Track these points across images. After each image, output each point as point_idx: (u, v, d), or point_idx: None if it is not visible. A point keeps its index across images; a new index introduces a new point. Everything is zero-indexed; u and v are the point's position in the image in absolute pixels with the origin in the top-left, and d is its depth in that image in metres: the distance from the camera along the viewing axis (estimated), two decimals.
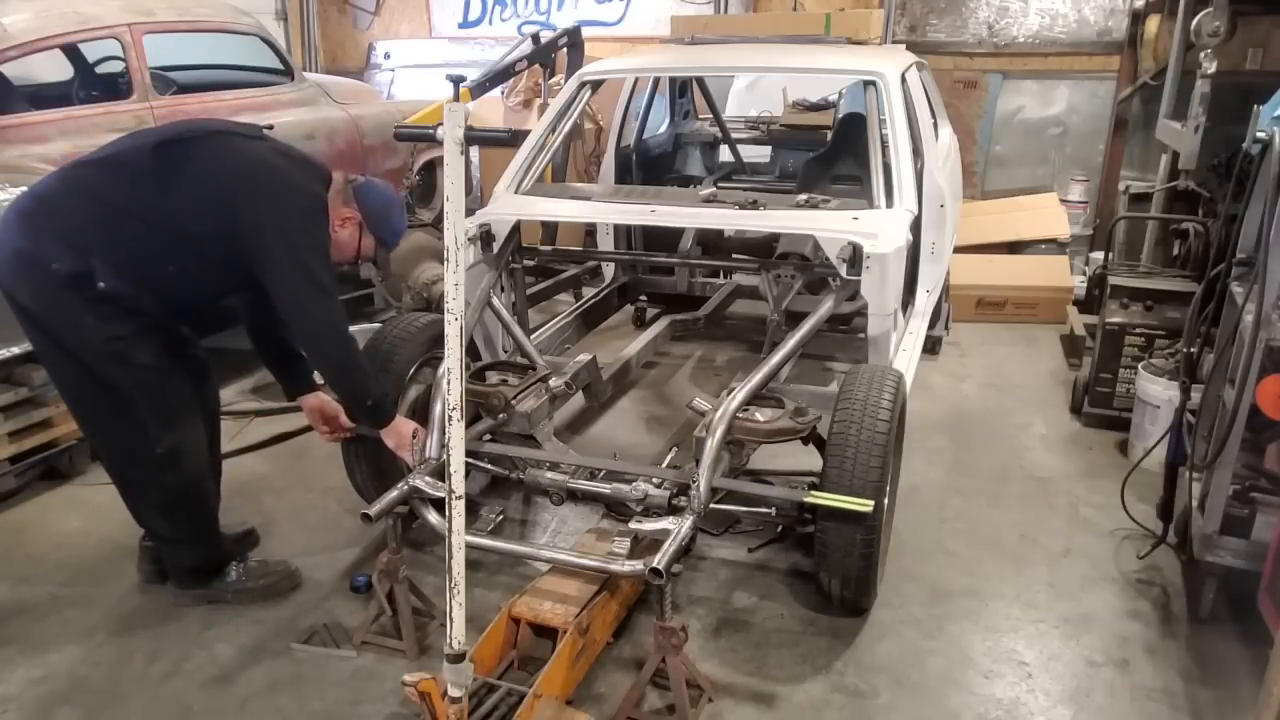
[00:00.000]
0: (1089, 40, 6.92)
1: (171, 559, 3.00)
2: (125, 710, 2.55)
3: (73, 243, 2.54)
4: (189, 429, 2.83)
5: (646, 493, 2.80)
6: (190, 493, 2.87)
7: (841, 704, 2.57)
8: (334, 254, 2.84)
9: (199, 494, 2.90)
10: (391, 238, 2.97)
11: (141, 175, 2.60)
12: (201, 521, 2.93)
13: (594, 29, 7.73)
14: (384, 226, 2.92)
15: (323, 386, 3.07)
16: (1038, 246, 6.22)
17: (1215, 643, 2.82)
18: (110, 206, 2.58)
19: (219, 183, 2.64)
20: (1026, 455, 4.04)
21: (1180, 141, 5.06)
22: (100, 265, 2.54)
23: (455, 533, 2.00)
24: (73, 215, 2.59)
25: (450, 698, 2.08)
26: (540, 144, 4.02)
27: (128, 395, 2.67)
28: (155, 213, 2.59)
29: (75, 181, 2.64)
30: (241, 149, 2.73)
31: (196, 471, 2.87)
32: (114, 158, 2.67)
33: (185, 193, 2.61)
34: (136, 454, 2.76)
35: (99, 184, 2.62)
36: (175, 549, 2.96)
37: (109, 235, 2.57)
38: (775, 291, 3.83)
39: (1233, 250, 2.91)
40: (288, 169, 2.74)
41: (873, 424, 2.68)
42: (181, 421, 2.79)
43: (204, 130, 2.79)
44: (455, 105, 1.91)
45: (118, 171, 2.63)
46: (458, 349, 1.94)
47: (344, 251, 2.90)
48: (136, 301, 2.61)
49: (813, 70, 4.92)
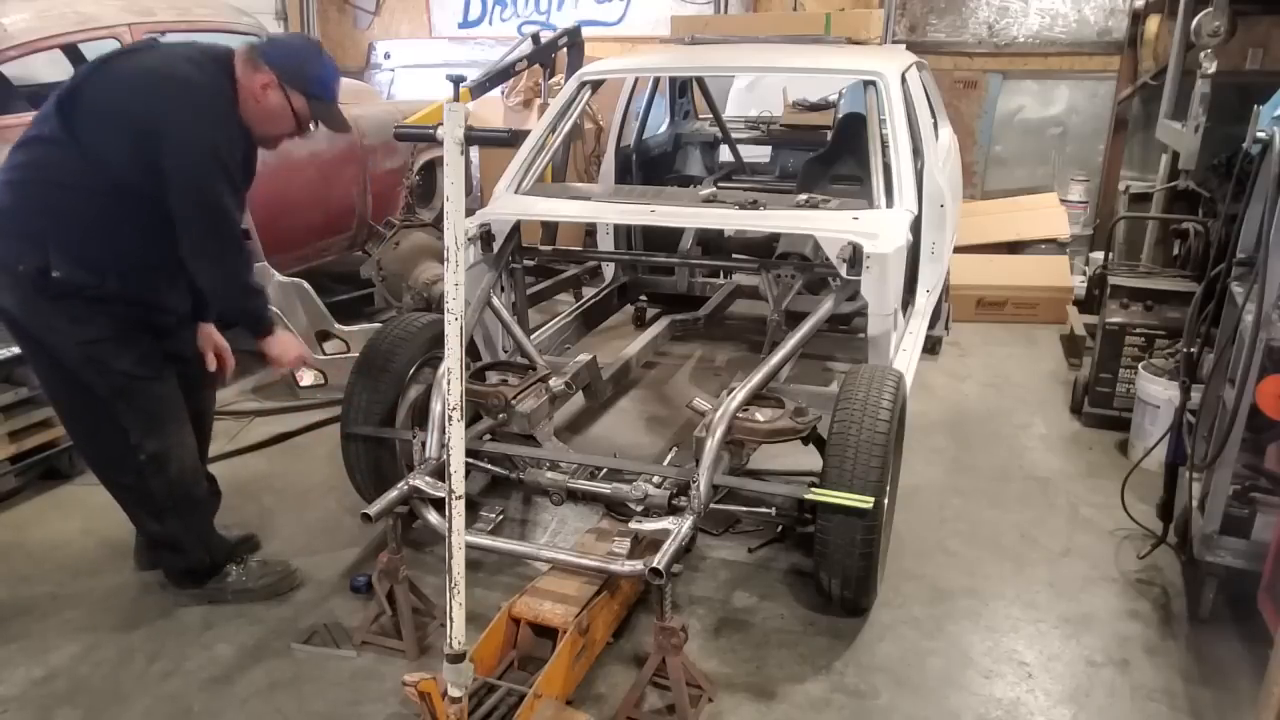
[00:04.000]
0: (1089, 40, 6.92)
1: (165, 560, 3.00)
2: (125, 710, 2.55)
3: (27, 234, 2.52)
4: (174, 435, 2.80)
5: (646, 492, 2.80)
6: (180, 498, 2.85)
7: (841, 704, 2.57)
8: (274, 127, 2.70)
9: (189, 499, 2.88)
10: (317, 88, 2.68)
11: (57, 140, 2.54)
12: (194, 525, 2.92)
13: (594, 29, 7.73)
14: (302, 78, 2.65)
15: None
16: (1038, 246, 6.22)
17: (1215, 643, 2.81)
18: (47, 185, 2.54)
19: (116, 106, 2.53)
20: (1026, 455, 4.04)
21: (1180, 141, 5.06)
22: (56, 252, 2.50)
23: (455, 533, 2.00)
24: (19, 207, 2.56)
25: (450, 698, 2.08)
26: (540, 144, 4.02)
27: (108, 401, 2.66)
28: (85, 172, 2.53)
29: (10, 173, 2.59)
30: (128, 66, 2.61)
31: (185, 476, 2.85)
32: (32, 137, 2.60)
33: (97, 136, 2.52)
34: (122, 460, 2.76)
35: (30, 166, 2.57)
36: (169, 551, 2.95)
37: (56, 215, 2.53)
38: (775, 291, 3.83)
39: (1233, 250, 2.91)
40: (175, 68, 2.58)
41: (873, 424, 2.68)
42: (164, 428, 2.77)
43: (90, 68, 2.64)
44: (455, 105, 1.91)
45: (38, 146, 2.58)
46: (458, 349, 1.94)
47: (281, 121, 2.69)
48: (100, 288, 2.56)
49: (813, 70, 4.92)
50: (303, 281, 4.46)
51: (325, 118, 2.77)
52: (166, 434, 2.78)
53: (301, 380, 4.48)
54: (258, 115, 2.66)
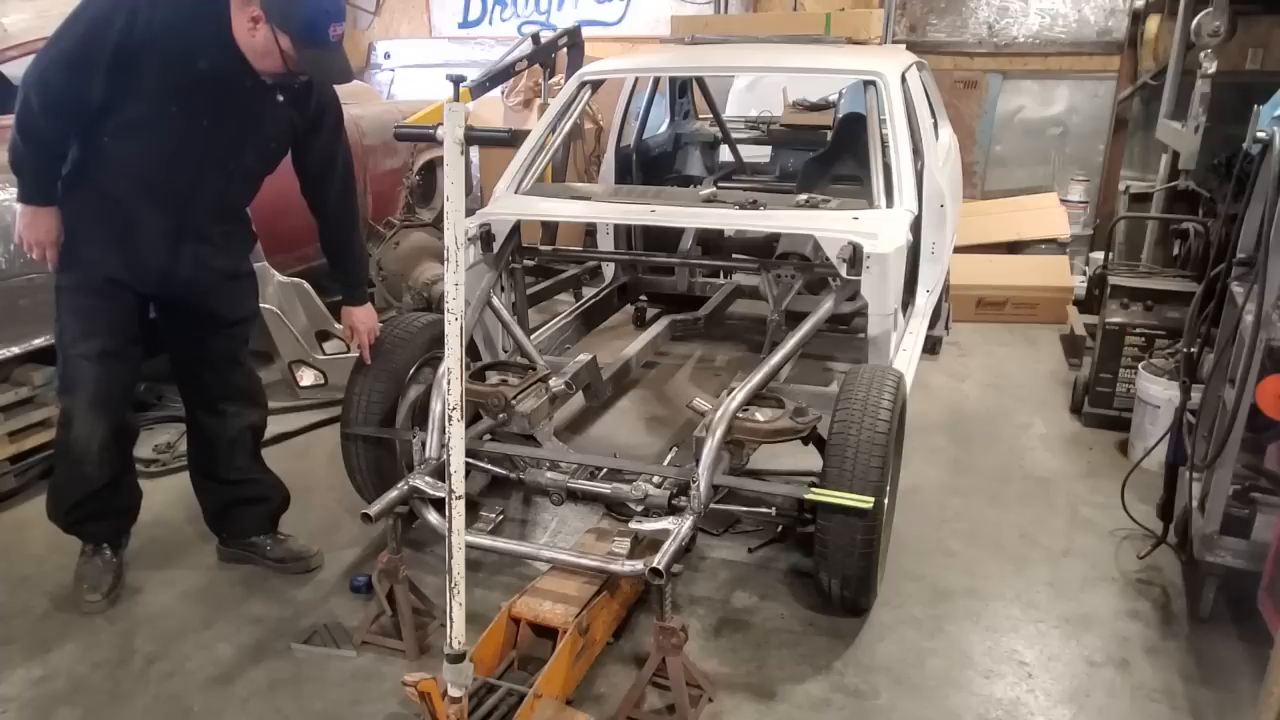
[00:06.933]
0: (1089, 40, 6.92)
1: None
2: (125, 710, 2.55)
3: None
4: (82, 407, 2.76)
5: (647, 492, 2.80)
6: (64, 452, 2.85)
7: (841, 704, 2.57)
8: (268, 65, 2.54)
9: (74, 462, 2.84)
10: (298, 27, 2.47)
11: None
12: (64, 482, 2.93)
13: (594, 29, 7.73)
14: (285, 16, 2.45)
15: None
16: (1038, 246, 6.22)
17: (1215, 643, 2.82)
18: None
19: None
20: (1026, 455, 4.04)
21: (1180, 141, 5.06)
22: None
23: (455, 533, 2.00)
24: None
25: (450, 698, 2.09)
26: (540, 144, 4.02)
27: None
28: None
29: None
30: None
31: (77, 448, 2.79)
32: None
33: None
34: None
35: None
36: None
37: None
38: (775, 291, 3.83)
39: (1233, 250, 2.91)
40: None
41: (873, 424, 2.68)
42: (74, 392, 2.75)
43: None
44: (455, 105, 1.91)
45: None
46: (458, 349, 1.94)
47: (270, 59, 2.52)
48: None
49: (813, 70, 4.92)
50: (303, 281, 4.46)
51: (313, 66, 2.56)
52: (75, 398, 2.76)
53: (301, 380, 4.48)
54: (250, 50, 2.52)
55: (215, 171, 2.71)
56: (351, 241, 3.12)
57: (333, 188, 2.96)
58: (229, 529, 3.18)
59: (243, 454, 3.09)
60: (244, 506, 3.13)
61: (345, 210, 3.04)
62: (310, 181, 2.95)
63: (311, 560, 3.16)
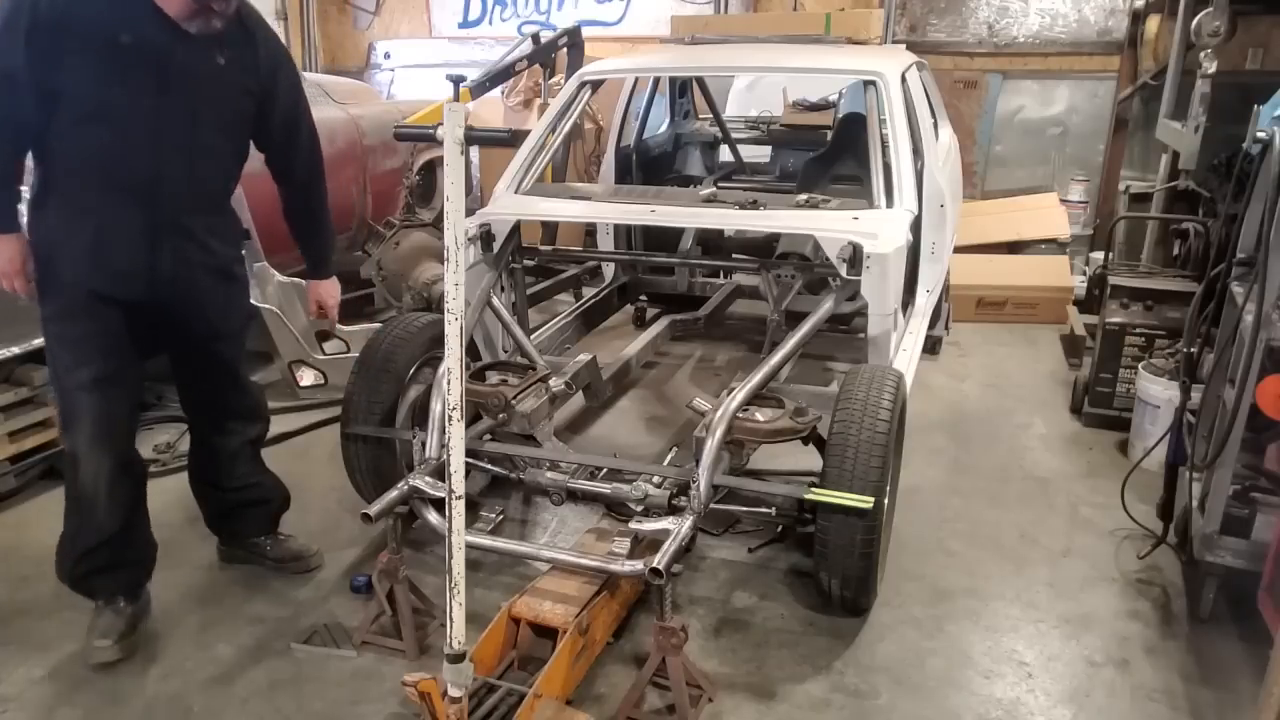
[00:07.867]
0: (1089, 40, 6.93)
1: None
2: (125, 710, 2.55)
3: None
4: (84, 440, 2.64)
5: (647, 492, 2.80)
6: (75, 499, 2.71)
7: (841, 704, 2.57)
8: (174, 8, 2.42)
9: (85, 506, 2.70)
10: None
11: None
12: (76, 528, 2.75)
13: (594, 29, 7.74)
14: None
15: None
16: (1038, 246, 6.23)
17: (1215, 643, 2.82)
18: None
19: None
20: (1026, 455, 4.04)
21: (1180, 141, 5.06)
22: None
23: (455, 533, 2.00)
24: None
25: (450, 698, 2.09)
26: (540, 144, 4.02)
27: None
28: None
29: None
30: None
31: (85, 488, 2.66)
32: None
33: None
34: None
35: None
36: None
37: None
38: (775, 291, 3.84)
39: (1233, 250, 2.91)
40: None
41: (873, 424, 2.68)
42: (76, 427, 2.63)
43: None
44: (455, 105, 1.91)
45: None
46: (458, 349, 1.94)
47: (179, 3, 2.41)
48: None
49: (813, 70, 4.92)
50: (302, 281, 4.45)
51: (221, 8, 2.42)
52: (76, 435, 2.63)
53: (301, 380, 4.48)
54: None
55: (174, 154, 2.55)
56: (320, 212, 3.01)
57: (299, 155, 2.85)
58: (229, 530, 3.18)
59: (244, 463, 3.07)
60: (244, 509, 3.12)
61: (312, 180, 2.93)
62: (276, 150, 2.84)
63: (311, 560, 3.16)
